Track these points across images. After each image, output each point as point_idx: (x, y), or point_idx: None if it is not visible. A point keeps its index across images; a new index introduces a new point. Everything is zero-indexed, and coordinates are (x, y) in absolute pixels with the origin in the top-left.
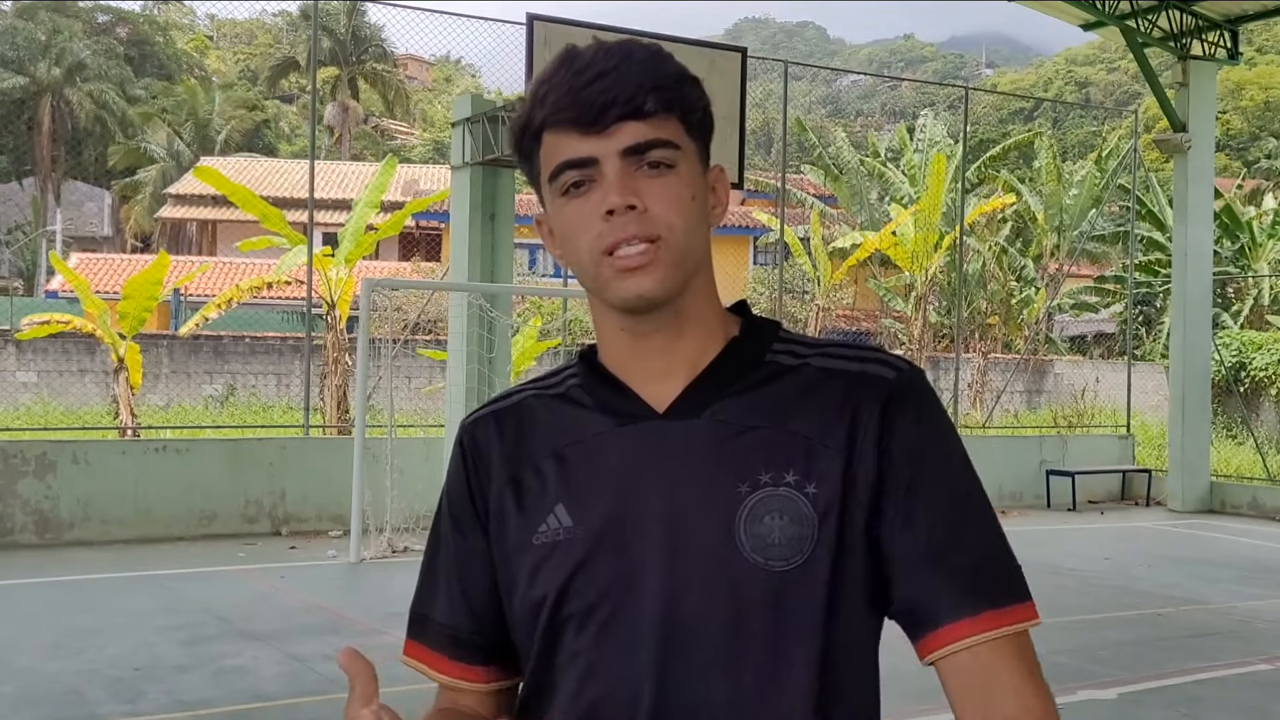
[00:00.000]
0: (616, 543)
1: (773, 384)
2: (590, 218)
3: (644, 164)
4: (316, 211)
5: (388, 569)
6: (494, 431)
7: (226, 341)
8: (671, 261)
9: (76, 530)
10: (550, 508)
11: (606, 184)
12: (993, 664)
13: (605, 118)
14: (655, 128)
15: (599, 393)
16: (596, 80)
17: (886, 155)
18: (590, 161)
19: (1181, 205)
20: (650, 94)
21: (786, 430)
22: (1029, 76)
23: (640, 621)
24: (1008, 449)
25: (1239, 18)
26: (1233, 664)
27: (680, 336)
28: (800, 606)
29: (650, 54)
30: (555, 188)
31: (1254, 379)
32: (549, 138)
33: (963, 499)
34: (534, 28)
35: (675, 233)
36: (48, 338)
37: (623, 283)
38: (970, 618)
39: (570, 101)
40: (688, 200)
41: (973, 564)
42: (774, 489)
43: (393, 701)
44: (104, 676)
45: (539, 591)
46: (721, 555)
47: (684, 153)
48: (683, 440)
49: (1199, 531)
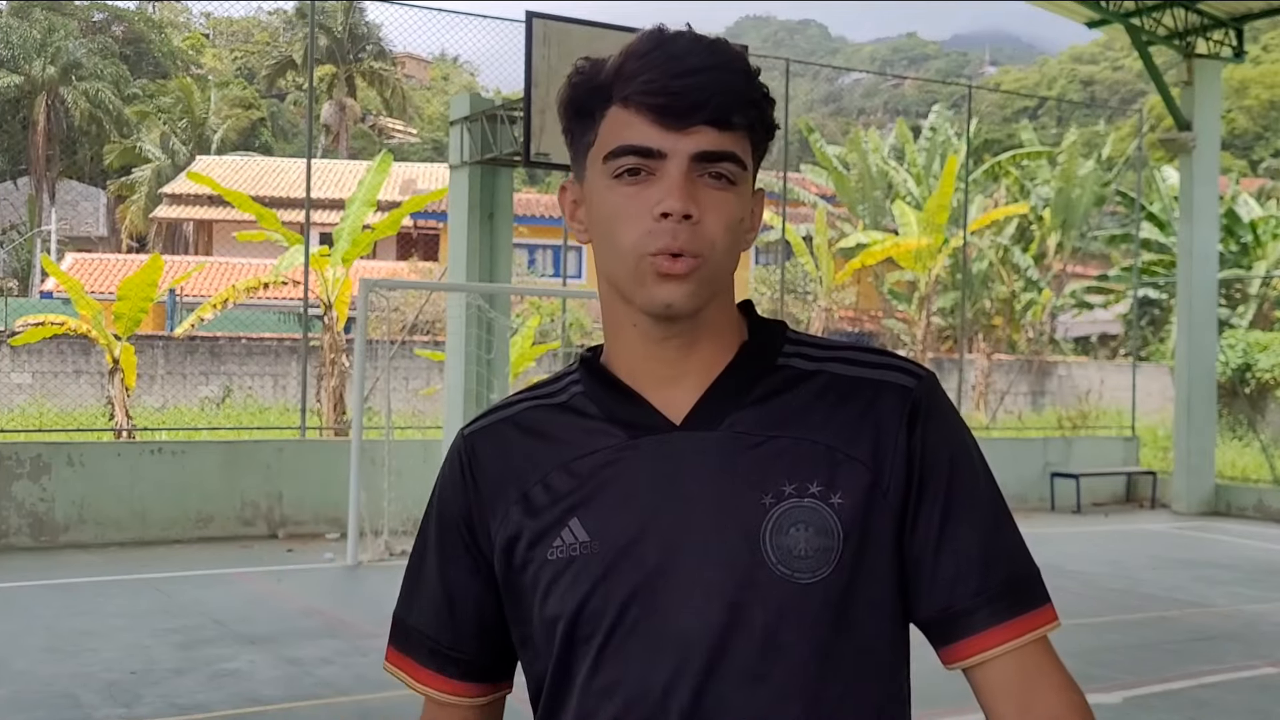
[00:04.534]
0: (639, 558)
1: (790, 391)
2: (641, 212)
3: (707, 173)
4: (314, 211)
5: (385, 572)
6: (496, 444)
7: (222, 342)
8: (707, 279)
9: (72, 533)
10: (564, 522)
11: (668, 183)
12: (1029, 666)
13: (692, 116)
14: (733, 141)
15: (607, 402)
16: (693, 75)
17: (890, 154)
18: (658, 154)
19: (1187, 204)
20: (741, 107)
21: (808, 440)
22: (1033, 75)
23: (665, 638)
24: (1012, 451)
25: (1244, 16)
26: (1238, 667)
27: (694, 344)
28: (827, 619)
29: (746, 65)
30: (607, 166)
31: (1260, 380)
32: (619, 112)
33: (991, 508)
34: (533, 25)
35: (717, 251)
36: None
37: (657, 287)
38: (1004, 624)
39: (661, 87)
40: (736, 221)
41: (1003, 572)
42: (799, 500)
43: (389, 707)
44: (99, 680)
45: (554, 609)
46: (747, 568)
47: (746, 174)
48: (702, 453)
49: (1204, 534)
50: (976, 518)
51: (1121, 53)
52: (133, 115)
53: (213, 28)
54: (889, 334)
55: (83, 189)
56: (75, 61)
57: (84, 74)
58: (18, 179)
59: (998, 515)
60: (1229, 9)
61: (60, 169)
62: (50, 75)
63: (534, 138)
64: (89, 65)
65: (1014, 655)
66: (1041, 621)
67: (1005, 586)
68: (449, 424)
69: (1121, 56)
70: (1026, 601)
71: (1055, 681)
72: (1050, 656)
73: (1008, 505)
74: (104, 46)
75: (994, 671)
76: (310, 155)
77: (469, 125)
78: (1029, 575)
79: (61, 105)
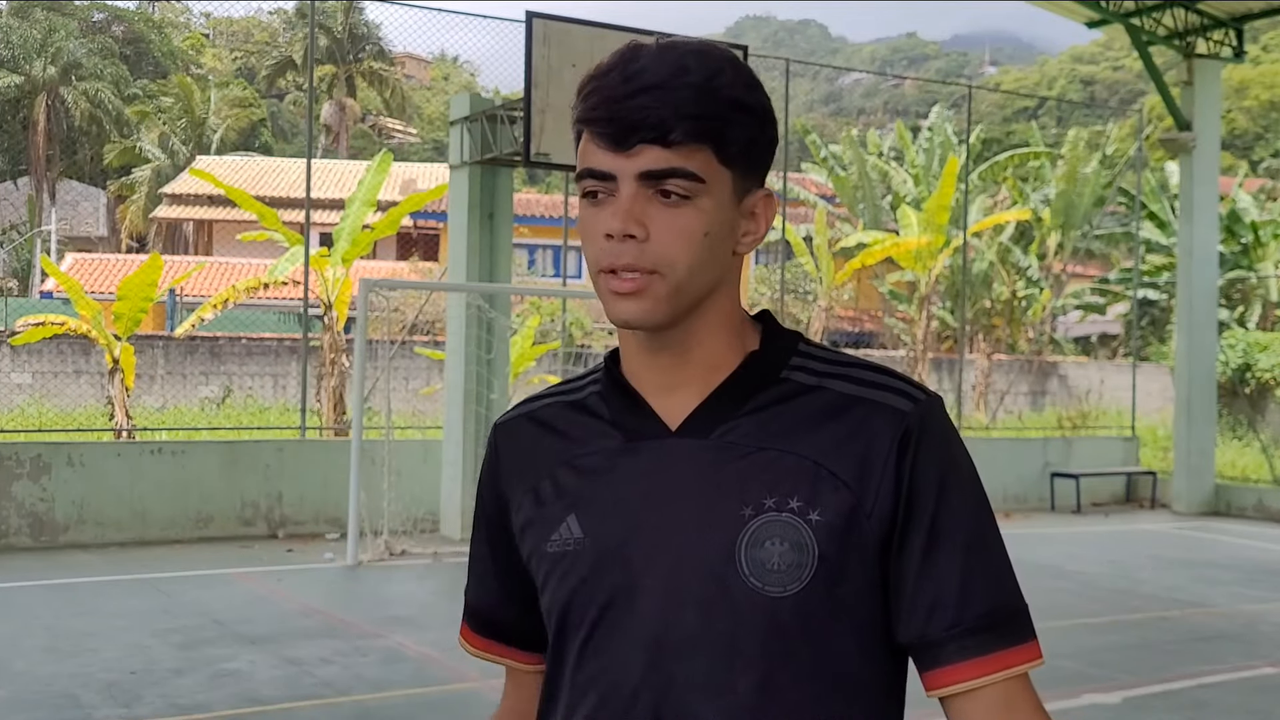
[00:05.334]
0: (620, 559)
1: (787, 404)
2: (596, 233)
3: (658, 190)
4: (314, 211)
5: (385, 572)
6: (518, 437)
7: (223, 342)
8: (665, 295)
9: (72, 533)
10: (563, 517)
11: (615, 205)
12: (1004, 701)
13: (629, 139)
14: (682, 157)
15: (615, 405)
16: (637, 95)
17: (889, 154)
18: (609, 176)
19: (1187, 205)
20: (682, 122)
21: (795, 454)
22: (1033, 75)
23: (636, 638)
24: (1012, 451)
25: (1244, 16)
26: (1237, 667)
27: (687, 355)
28: (794, 634)
29: (707, 75)
30: (580, 187)
31: (1259, 380)
32: (584, 135)
33: (978, 538)
34: (533, 25)
35: (675, 269)
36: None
37: (612, 304)
38: (979, 658)
39: (604, 113)
40: (698, 235)
41: (984, 605)
42: (777, 514)
43: (389, 707)
44: (99, 680)
45: (549, 600)
46: (721, 577)
47: (709, 185)
48: (689, 460)
49: (1204, 534)
50: (960, 547)
51: (1121, 53)
52: (133, 115)
53: (213, 28)
54: (889, 334)
55: (83, 189)
56: (75, 61)
57: (84, 74)
58: (18, 179)
59: (985, 545)
60: (1229, 9)
61: (60, 169)
62: (50, 75)
63: (534, 138)
64: (89, 65)
65: (989, 690)
66: (1020, 659)
67: (985, 620)
68: (449, 424)
69: (1121, 56)
70: (1007, 637)
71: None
72: (1027, 694)
73: (1000, 536)
74: (104, 47)
75: (967, 704)
76: (310, 155)
77: (469, 125)
78: (1012, 609)
79: (61, 105)
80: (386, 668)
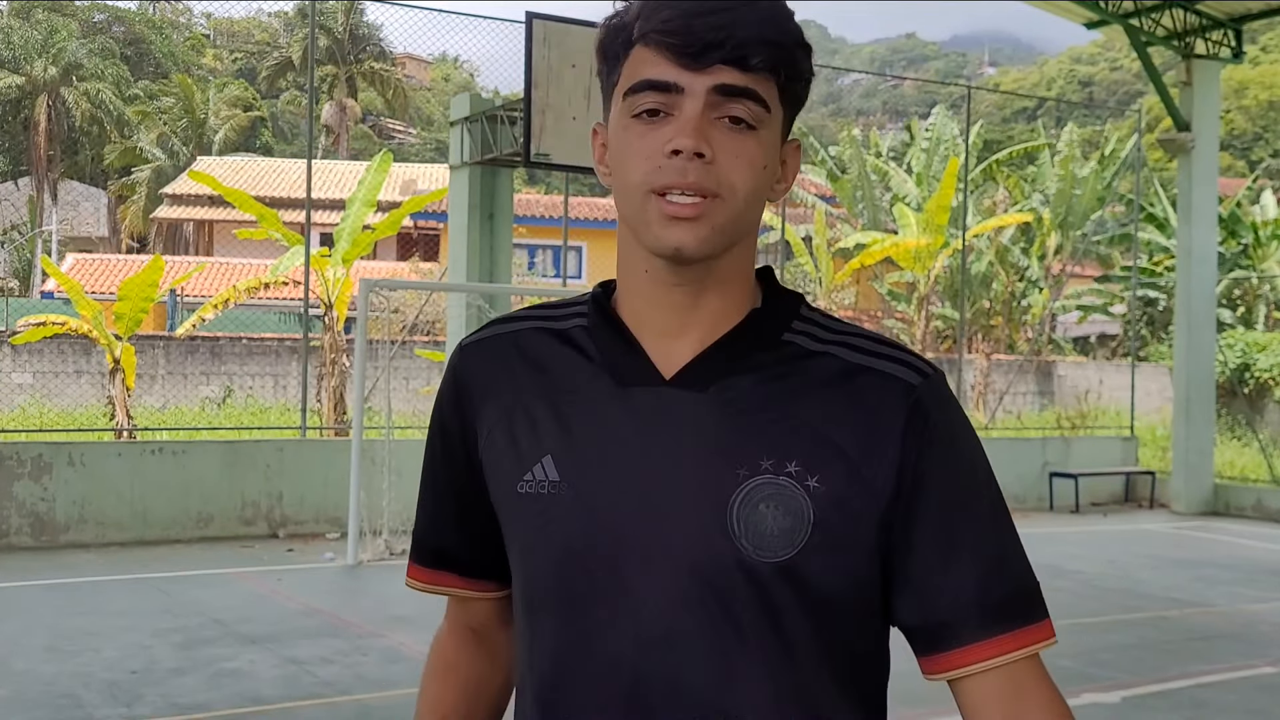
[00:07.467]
0: (604, 508)
1: (788, 367)
2: (653, 150)
3: (726, 116)
4: (315, 211)
5: (385, 571)
6: (490, 359)
7: (223, 343)
8: (721, 224)
9: (72, 532)
10: (538, 458)
11: (682, 120)
12: (1018, 683)
13: (707, 55)
14: (753, 81)
15: (605, 344)
16: (712, 14)
17: (889, 155)
18: (675, 88)
19: (1185, 205)
20: (762, 48)
21: (797, 419)
22: (1032, 75)
23: (621, 594)
24: (1011, 450)
25: (1243, 16)
26: (1237, 667)
27: (701, 295)
28: (784, 600)
29: (776, 10)
30: (628, 104)
31: (1258, 380)
32: (641, 50)
33: (992, 516)
34: (533, 26)
35: (736, 195)
36: (43, 339)
37: (664, 229)
38: (996, 637)
39: (680, 25)
40: (759, 165)
41: (1002, 583)
42: (773, 477)
43: (389, 707)
44: (100, 680)
45: (520, 544)
46: (711, 537)
47: (771, 117)
48: (686, 413)
49: (1203, 534)
50: (976, 526)
51: (1120, 53)
52: (133, 116)
53: (213, 28)
54: (888, 334)
55: (83, 189)
56: (76, 62)
57: (85, 75)
58: (19, 179)
59: (999, 524)
60: (1228, 9)
61: (61, 169)
62: (51, 76)
63: (534, 138)
64: (90, 66)
65: (1002, 670)
66: (1036, 638)
67: (1003, 599)
68: None
69: (1120, 57)
70: (1023, 615)
71: (1042, 700)
72: (1040, 674)
73: (1008, 510)
74: (105, 47)
75: (980, 686)
76: (311, 156)
77: (469, 126)
78: (1028, 588)
79: (62, 106)
80: (387, 667)
